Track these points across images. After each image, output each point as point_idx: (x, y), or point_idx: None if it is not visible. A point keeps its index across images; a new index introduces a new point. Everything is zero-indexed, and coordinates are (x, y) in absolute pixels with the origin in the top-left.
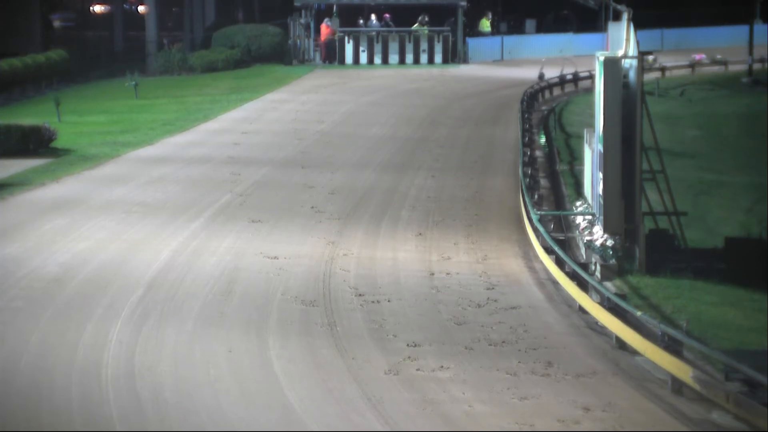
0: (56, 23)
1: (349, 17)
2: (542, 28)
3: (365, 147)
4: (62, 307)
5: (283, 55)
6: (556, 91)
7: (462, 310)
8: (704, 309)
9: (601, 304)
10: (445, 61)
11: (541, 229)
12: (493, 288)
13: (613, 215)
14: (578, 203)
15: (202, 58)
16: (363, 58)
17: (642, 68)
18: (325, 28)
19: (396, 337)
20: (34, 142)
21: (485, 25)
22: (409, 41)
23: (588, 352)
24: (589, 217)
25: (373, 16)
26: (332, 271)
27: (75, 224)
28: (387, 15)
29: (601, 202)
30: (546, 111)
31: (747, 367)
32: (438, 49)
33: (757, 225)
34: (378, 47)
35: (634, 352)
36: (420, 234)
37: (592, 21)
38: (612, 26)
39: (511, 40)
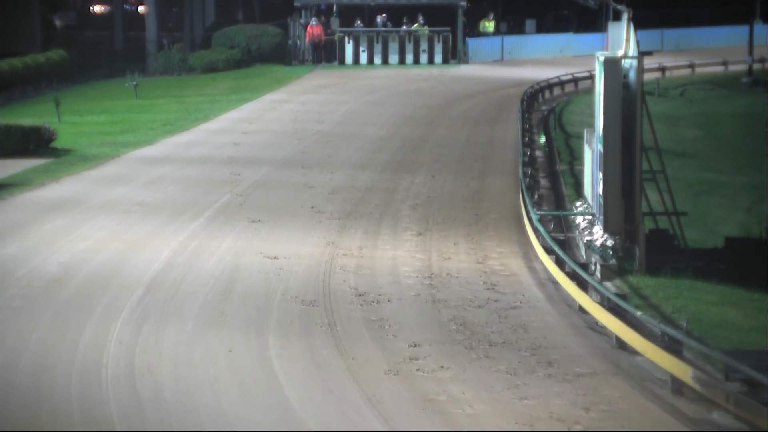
0: (57, 23)
1: (351, 18)
2: (542, 28)
3: (365, 147)
4: (62, 306)
5: (283, 56)
6: (557, 91)
7: (462, 311)
8: (704, 309)
9: (601, 303)
10: (445, 61)
11: (541, 229)
12: (493, 288)
13: (613, 215)
14: (578, 203)
15: (202, 59)
16: (363, 58)
17: (642, 68)
18: (310, 29)
19: (396, 337)
20: (34, 142)
21: (488, 25)
22: (409, 41)
23: (588, 352)
24: (589, 217)
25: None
26: (332, 271)
27: (75, 224)
28: (384, 15)
29: (601, 202)
30: (546, 111)
31: (747, 367)
32: (438, 49)
33: (757, 225)
34: (378, 47)
35: (634, 352)
36: (420, 234)
37: (592, 21)
38: (612, 26)
39: (511, 41)
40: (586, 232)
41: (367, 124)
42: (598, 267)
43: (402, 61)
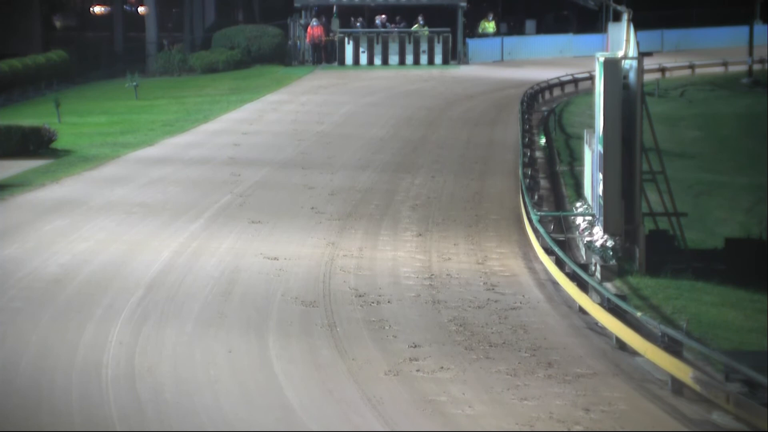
0: (58, 24)
1: (351, 18)
2: (542, 29)
3: (365, 148)
4: (62, 307)
5: (283, 56)
6: (557, 92)
7: (462, 311)
8: (704, 310)
9: (601, 304)
10: (445, 61)
11: (541, 229)
12: (493, 289)
13: (613, 216)
14: (578, 204)
15: (202, 59)
16: (363, 59)
17: (642, 69)
18: (311, 29)
19: (396, 338)
20: (34, 143)
21: (488, 26)
22: (409, 42)
23: (588, 352)
24: (589, 217)
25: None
26: (332, 272)
27: (75, 225)
28: (383, 15)
29: (601, 202)
30: (546, 112)
31: (747, 368)
32: (438, 49)
33: (757, 225)
34: (378, 48)
35: (634, 353)
36: (420, 235)
37: (592, 22)
38: (612, 27)
39: (511, 41)
40: (586, 233)
41: (367, 125)
42: (598, 268)
43: (402, 61)
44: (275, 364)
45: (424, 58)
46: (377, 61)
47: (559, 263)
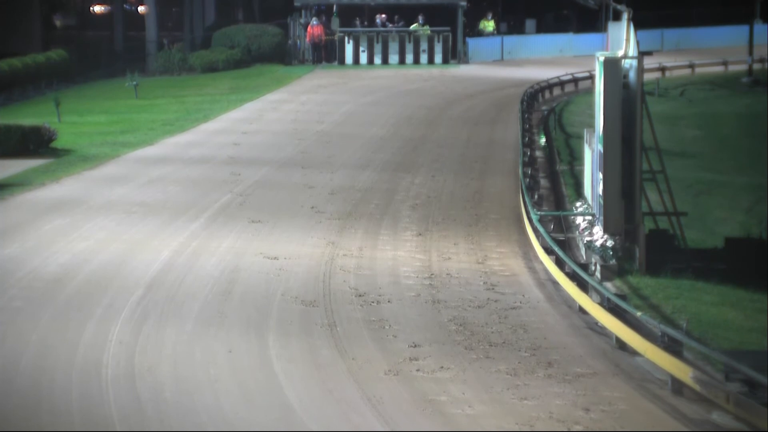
0: (57, 23)
1: (351, 17)
2: (542, 29)
3: (365, 147)
4: (62, 307)
5: (283, 55)
6: (556, 91)
7: (462, 311)
8: (704, 309)
9: (601, 304)
10: (445, 61)
11: (541, 229)
12: (493, 288)
13: (613, 215)
14: (578, 203)
15: (202, 58)
16: (363, 58)
17: (642, 68)
18: (311, 29)
19: (396, 337)
20: (34, 143)
21: (488, 25)
22: (409, 41)
23: (588, 352)
24: (589, 217)
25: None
26: (332, 272)
27: (75, 224)
28: (383, 15)
29: (601, 202)
30: (546, 111)
31: (747, 368)
32: (438, 49)
33: (757, 225)
34: (378, 47)
35: (634, 353)
36: (420, 234)
37: (592, 21)
38: (612, 26)
39: (511, 41)
40: (586, 233)
41: (367, 124)
42: (598, 267)
43: (402, 61)
44: (275, 364)
45: (424, 58)
46: (377, 60)
47: (559, 263)
